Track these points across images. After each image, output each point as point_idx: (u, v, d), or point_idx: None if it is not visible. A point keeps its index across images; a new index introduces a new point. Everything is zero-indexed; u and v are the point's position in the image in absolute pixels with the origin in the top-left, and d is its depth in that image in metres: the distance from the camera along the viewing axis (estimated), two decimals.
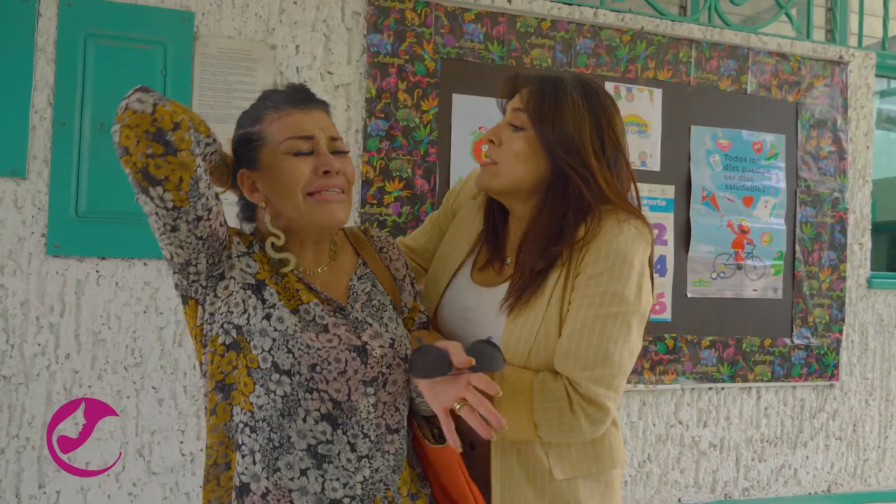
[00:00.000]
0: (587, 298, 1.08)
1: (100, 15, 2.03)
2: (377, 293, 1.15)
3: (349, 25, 2.26)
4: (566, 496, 1.14)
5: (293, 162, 1.05)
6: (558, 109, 1.12)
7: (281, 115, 1.07)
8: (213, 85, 2.12)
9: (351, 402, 1.05)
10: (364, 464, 1.05)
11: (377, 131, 2.26)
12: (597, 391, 1.06)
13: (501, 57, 2.39)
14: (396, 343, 1.10)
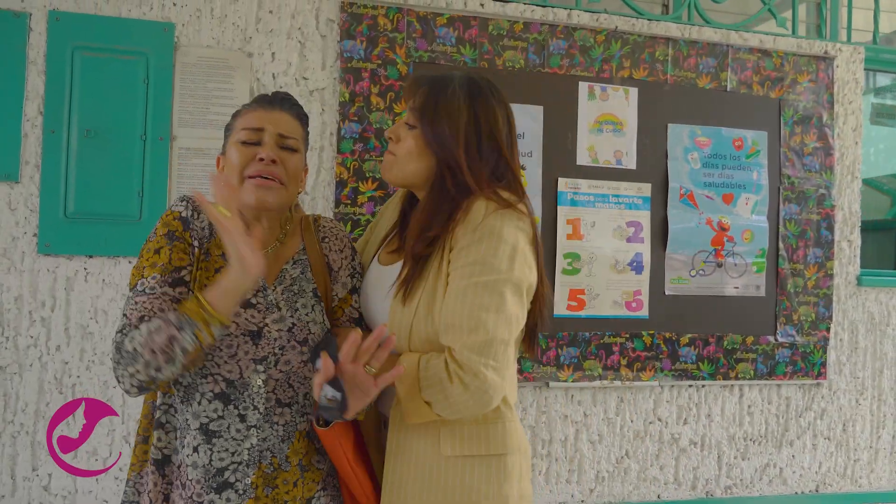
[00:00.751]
0: (457, 270, 1.15)
1: (86, 28, 2.17)
2: (303, 279, 1.25)
3: (323, 32, 2.35)
4: (452, 473, 1.18)
5: (240, 148, 1.21)
6: (438, 108, 1.21)
7: (247, 111, 1.25)
8: (193, 92, 2.24)
9: (243, 379, 1.17)
10: (252, 433, 1.17)
11: (351, 134, 2.35)
12: (470, 357, 1.10)
13: (473, 60, 2.45)
14: (296, 328, 1.20)
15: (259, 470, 1.18)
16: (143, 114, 2.20)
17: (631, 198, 2.58)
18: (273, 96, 1.28)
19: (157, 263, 1.16)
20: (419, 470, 1.19)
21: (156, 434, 1.18)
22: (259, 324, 1.19)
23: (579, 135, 2.53)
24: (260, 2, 2.30)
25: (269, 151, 1.20)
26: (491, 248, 1.14)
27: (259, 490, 1.18)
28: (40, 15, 2.15)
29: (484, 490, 1.19)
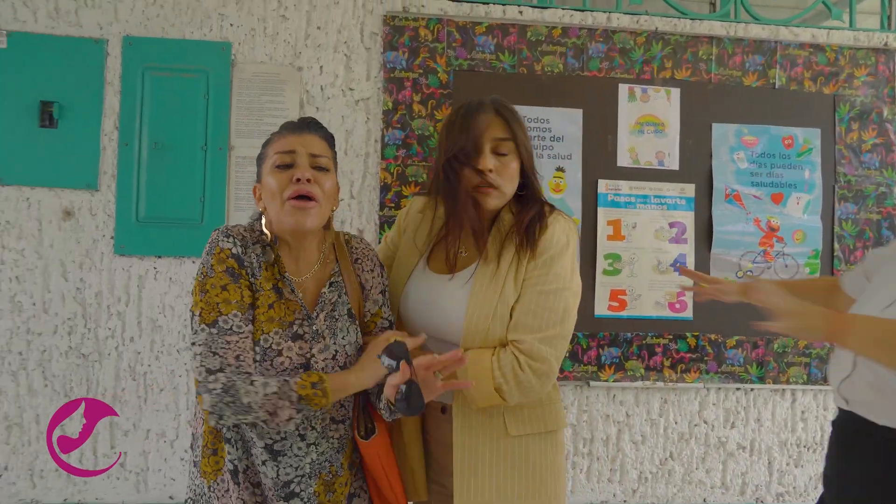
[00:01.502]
0: (533, 279, 1.37)
1: (154, 51, 2.40)
2: (339, 302, 1.35)
3: (368, 45, 2.49)
4: (519, 450, 1.40)
5: (276, 173, 1.29)
6: (521, 133, 1.41)
7: (278, 138, 1.34)
8: (248, 105, 2.43)
9: None
10: (311, 449, 1.31)
11: (394, 140, 2.48)
12: (540, 348, 1.34)
13: (512, 66, 2.52)
14: (338, 355, 1.32)
15: (320, 479, 1.32)
16: (203, 126, 2.40)
17: (673, 198, 2.57)
18: (300, 122, 1.37)
19: (230, 300, 1.23)
20: (490, 448, 1.39)
21: (226, 448, 1.31)
22: (307, 355, 1.29)
23: (620, 136, 2.55)
24: (309, 19, 2.47)
25: (304, 171, 1.27)
26: (560, 262, 1.38)
27: (321, 496, 1.33)
28: (116, 40, 2.40)
29: (541, 462, 1.41)
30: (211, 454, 1.33)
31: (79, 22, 2.40)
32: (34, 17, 2.39)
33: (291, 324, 1.29)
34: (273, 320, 1.28)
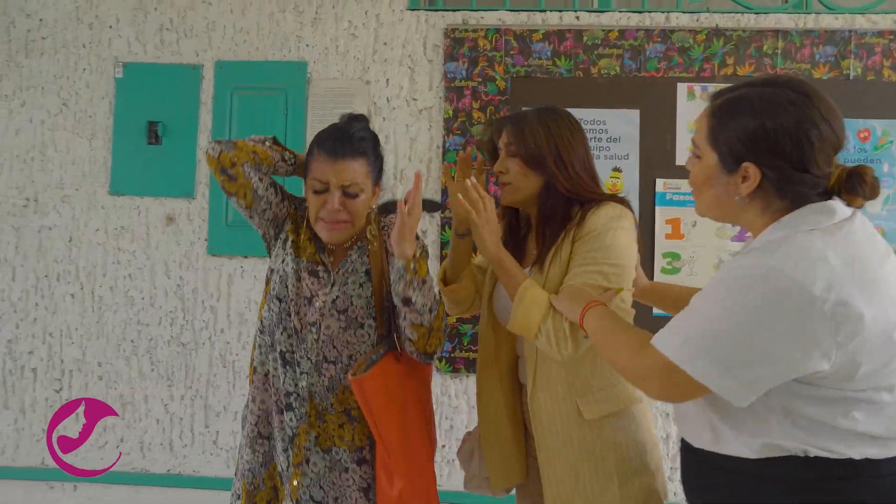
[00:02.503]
0: (582, 257, 1.40)
1: (241, 73, 2.68)
2: (358, 261, 1.55)
3: (430, 57, 2.65)
4: (597, 433, 1.43)
5: (312, 197, 1.51)
6: (524, 134, 1.48)
7: (317, 161, 1.50)
8: (322, 118, 2.66)
9: (301, 335, 1.51)
10: (303, 378, 1.50)
11: (454, 146, 2.62)
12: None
13: (569, 70, 2.59)
14: (339, 300, 1.51)
15: (311, 405, 1.51)
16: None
17: None
18: (336, 145, 1.48)
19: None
20: (566, 432, 1.43)
21: (256, 352, 1.57)
22: (314, 292, 1.51)
23: (678, 135, 2.55)
24: (376, 36, 2.67)
25: (333, 202, 1.46)
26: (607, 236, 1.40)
27: (312, 418, 1.50)
28: (209, 65, 2.71)
29: (622, 440, 1.42)
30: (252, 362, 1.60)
31: (179, 51, 2.73)
32: (144, 49, 2.75)
33: (316, 265, 1.54)
34: (306, 250, 1.55)
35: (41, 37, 2.79)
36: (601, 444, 1.42)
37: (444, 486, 2.58)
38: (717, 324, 1.02)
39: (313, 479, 1.52)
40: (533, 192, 1.49)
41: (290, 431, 1.51)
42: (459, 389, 2.60)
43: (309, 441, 1.51)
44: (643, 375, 1.12)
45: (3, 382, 2.75)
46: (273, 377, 1.53)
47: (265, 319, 1.55)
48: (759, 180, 1.06)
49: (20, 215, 2.76)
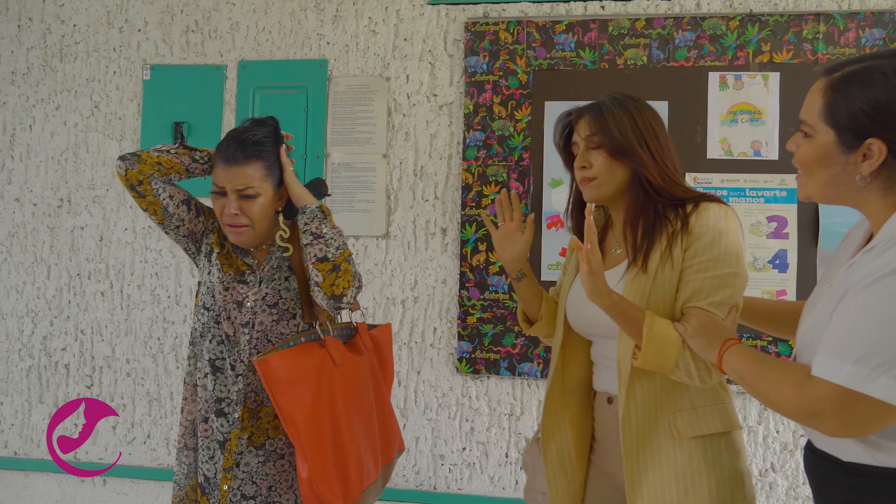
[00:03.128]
0: (698, 265, 1.32)
1: (263, 72, 2.69)
2: (281, 257, 1.62)
3: (450, 52, 2.60)
4: (688, 453, 1.33)
5: (215, 199, 1.59)
6: (608, 124, 1.39)
7: (216, 166, 1.59)
8: (342, 115, 2.65)
9: (235, 338, 1.56)
10: (240, 379, 1.55)
11: (475, 142, 2.56)
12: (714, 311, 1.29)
13: (593, 62, 2.50)
14: (269, 295, 1.59)
15: (244, 407, 1.55)
16: (304, 136, 2.66)
17: (772, 191, 2.40)
18: (230, 151, 1.55)
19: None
20: (659, 451, 1.35)
21: (186, 363, 1.64)
22: (243, 295, 1.58)
23: (710, 127, 2.43)
24: (396, 32, 2.63)
25: (231, 207, 1.54)
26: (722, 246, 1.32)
27: (245, 421, 1.55)
28: (233, 66, 2.73)
29: (719, 465, 1.33)
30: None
31: (204, 52, 2.76)
32: (171, 51, 2.79)
33: (243, 273, 1.61)
34: (232, 266, 1.62)
35: (74, 42, 2.86)
36: (694, 466, 1.32)
37: (465, 489, 2.52)
38: (889, 331, 0.94)
39: (245, 478, 1.56)
40: (621, 185, 1.41)
41: (221, 437, 1.55)
42: (480, 391, 2.54)
43: (241, 445, 1.55)
44: (815, 412, 1.00)
45: (38, 377, 2.83)
46: (201, 386, 1.58)
47: (194, 331, 1.61)
48: (885, 157, 1.00)
49: (55, 215, 2.84)
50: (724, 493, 1.33)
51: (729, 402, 1.39)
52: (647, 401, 1.35)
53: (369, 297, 2.60)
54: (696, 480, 1.32)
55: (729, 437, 1.36)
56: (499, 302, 2.52)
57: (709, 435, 1.34)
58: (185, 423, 1.62)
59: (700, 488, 1.32)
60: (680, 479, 1.33)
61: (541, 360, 2.49)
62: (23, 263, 2.86)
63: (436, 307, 2.57)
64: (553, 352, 1.52)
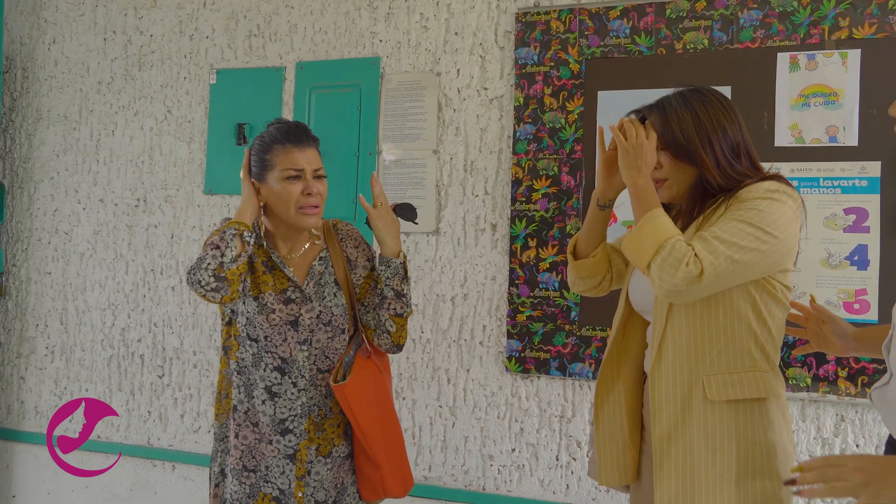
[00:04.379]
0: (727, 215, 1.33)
1: (319, 72, 2.75)
2: (326, 273, 1.66)
3: (501, 44, 2.55)
4: (718, 417, 1.33)
5: (288, 185, 1.58)
6: (669, 124, 1.40)
7: (283, 151, 1.59)
8: (394, 112, 2.65)
9: (292, 357, 1.57)
10: (302, 394, 1.58)
11: (525, 135, 2.50)
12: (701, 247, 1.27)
13: (650, 48, 2.38)
14: (322, 313, 1.62)
15: (309, 419, 1.58)
16: (356, 134, 2.69)
17: (851, 180, 2.18)
18: (299, 134, 1.60)
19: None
20: (688, 414, 1.35)
21: (233, 392, 1.62)
22: (296, 314, 1.60)
23: (778, 113, 2.25)
24: (447, 26, 2.61)
25: (312, 186, 1.58)
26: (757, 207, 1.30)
27: (311, 433, 1.58)
28: (291, 67, 2.80)
29: (749, 433, 1.32)
30: (224, 398, 1.65)
31: (265, 55, 2.85)
32: (235, 55, 2.90)
33: (284, 290, 1.61)
34: (267, 284, 1.60)
35: (151, 51, 3.04)
36: (723, 431, 1.32)
37: (514, 492, 2.46)
38: None
39: (316, 486, 1.60)
40: (690, 185, 1.42)
41: (291, 451, 1.58)
42: (530, 391, 2.46)
43: (310, 454, 1.59)
44: None
45: (117, 366, 3.02)
46: (260, 412, 1.58)
47: (241, 360, 1.60)
48: None
49: (132, 214, 3.02)
50: (754, 461, 1.31)
51: (768, 371, 1.36)
52: (678, 360, 1.36)
53: (419, 294, 2.59)
54: (725, 444, 1.31)
55: (763, 404, 1.34)
56: (549, 300, 2.44)
57: (743, 400, 1.32)
58: (242, 447, 1.60)
59: (728, 452, 1.31)
60: (709, 441, 1.32)
61: (592, 361, 2.38)
62: (105, 259, 3.06)
63: (485, 304, 2.52)
64: (613, 326, 1.56)
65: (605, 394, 1.53)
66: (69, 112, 3.16)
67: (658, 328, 1.38)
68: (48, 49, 3.21)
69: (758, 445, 1.32)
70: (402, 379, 2.61)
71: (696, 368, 1.34)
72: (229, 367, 1.64)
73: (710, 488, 1.32)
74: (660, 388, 1.37)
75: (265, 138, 1.63)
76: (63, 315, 3.11)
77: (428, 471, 2.56)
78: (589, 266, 1.57)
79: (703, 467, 1.33)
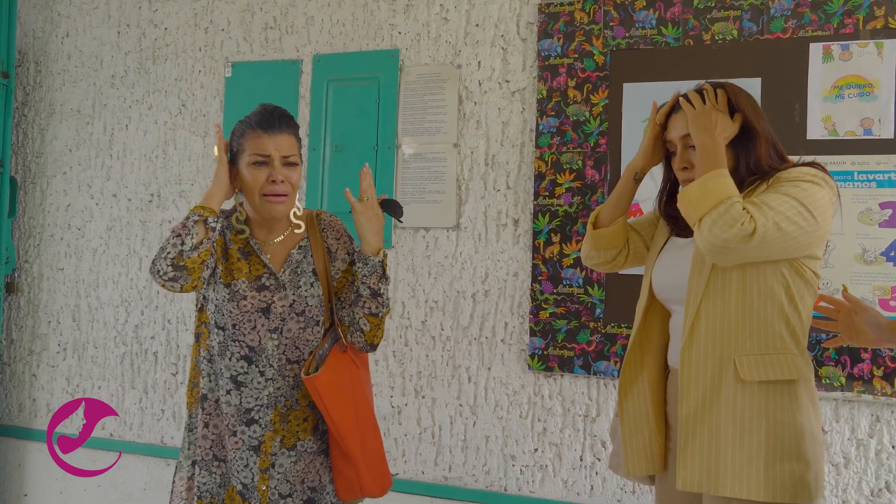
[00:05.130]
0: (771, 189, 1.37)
1: (337, 64, 2.70)
2: (304, 262, 1.60)
3: (524, 36, 2.50)
4: (748, 398, 1.34)
5: (253, 171, 1.54)
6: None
7: (253, 135, 1.55)
8: (413, 105, 2.60)
9: (261, 345, 1.53)
10: (269, 384, 1.54)
11: (548, 128, 2.45)
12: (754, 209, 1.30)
13: (677, 39, 2.32)
14: (296, 303, 1.57)
15: (275, 410, 1.54)
16: (374, 128, 2.64)
17: (886, 173, 2.12)
18: (271, 118, 1.55)
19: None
20: (718, 394, 1.36)
21: (202, 379, 1.58)
22: (268, 301, 1.55)
23: (811, 104, 2.19)
24: (468, 18, 2.56)
25: (278, 173, 1.52)
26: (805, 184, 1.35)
27: (276, 424, 1.54)
28: (307, 60, 2.76)
29: (779, 415, 1.33)
30: (193, 387, 1.61)
31: (282, 48, 2.81)
32: (251, 48, 2.86)
33: (259, 277, 1.56)
34: (241, 271, 1.56)
35: (165, 44, 3.00)
36: (753, 412, 1.33)
37: (537, 493, 2.40)
38: None
39: (280, 478, 1.55)
40: None
41: (255, 441, 1.54)
42: (553, 390, 2.41)
43: (275, 446, 1.54)
44: None
45: (131, 364, 2.97)
46: (224, 402, 1.55)
47: (211, 349, 1.56)
48: None
49: (146, 210, 2.98)
50: (781, 444, 1.31)
51: (797, 354, 1.38)
52: (711, 340, 1.36)
53: (439, 290, 2.54)
54: (754, 425, 1.32)
55: (793, 387, 1.35)
56: (573, 296, 2.39)
57: (773, 381, 1.33)
58: (212, 437, 1.57)
59: (757, 435, 1.31)
60: (737, 423, 1.33)
61: (618, 359, 2.33)
62: (119, 255, 3.02)
63: (507, 301, 2.47)
64: (636, 315, 1.55)
65: (630, 383, 1.53)
66: (82, 106, 3.12)
67: (692, 307, 1.39)
68: (61, 43, 3.17)
69: (787, 428, 1.33)
70: (421, 377, 2.55)
71: (728, 348, 1.35)
72: (199, 355, 1.59)
73: (737, 470, 1.31)
74: (690, 366, 1.37)
75: (242, 123, 1.59)
76: (76, 312, 3.07)
77: (448, 471, 2.51)
78: (607, 236, 1.58)
79: (729, 448, 1.33)
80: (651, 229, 1.67)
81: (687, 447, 1.37)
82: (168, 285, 1.46)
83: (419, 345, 2.56)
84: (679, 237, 1.55)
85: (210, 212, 1.50)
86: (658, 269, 1.54)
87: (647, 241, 1.66)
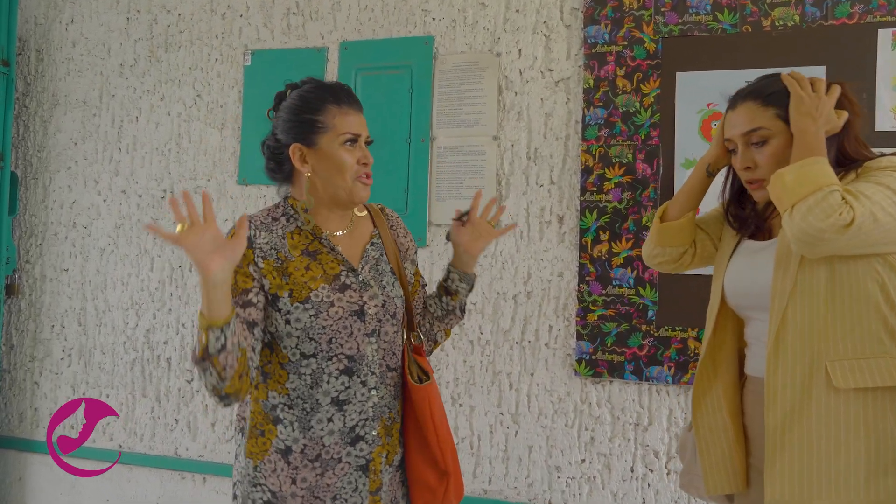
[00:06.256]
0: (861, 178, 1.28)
1: (365, 52, 2.55)
2: (382, 261, 1.45)
3: (568, 22, 2.36)
4: (844, 406, 1.24)
5: (347, 150, 1.37)
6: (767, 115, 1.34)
7: (341, 112, 1.38)
8: (449, 95, 2.46)
9: (360, 352, 1.35)
10: (373, 393, 1.36)
11: (596, 120, 2.31)
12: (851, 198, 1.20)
13: (733, 25, 2.20)
14: (387, 303, 1.40)
15: (381, 422, 1.37)
16: (407, 119, 2.49)
17: None
18: (353, 97, 1.42)
19: (233, 287, 1.26)
20: (809, 405, 1.25)
21: (277, 429, 1.34)
22: (359, 302, 1.36)
23: (879, 94, 2.07)
24: (507, 3, 2.42)
25: (369, 155, 1.40)
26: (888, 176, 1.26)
27: (383, 438, 1.39)
28: (334, 47, 2.60)
29: (881, 423, 1.23)
30: (258, 435, 1.36)
31: (305, 35, 2.65)
32: (272, 36, 2.70)
33: (337, 276, 1.36)
34: (315, 278, 1.35)
35: (179, 31, 2.83)
36: (849, 422, 1.23)
37: None
38: None
39: (386, 500, 1.40)
40: None
41: (363, 461, 1.36)
42: (602, 397, 2.27)
43: (382, 463, 1.38)
44: None
45: (141, 371, 2.80)
46: (326, 432, 1.34)
47: (294, 391, 1.33)
48: None
49: (158, 206, 2.81)
50: (885, 455, 1.21)
51: (895, 355, 1.26)
52: (798, 347, 1.26)
53: (478, 291, 2.39)
54: (851, 438, 1.22)
55: (895, 393, 1.24)
56: (623, 297, 2.25)
57: (872, 388, 1.23)
58: (302, 493, 1.35)
59: (856, 448, 1.22)
60: (832, 433, 1.23)
61: (672, 364, 2.20)
62: (128, 255, 2.84)
63: (551, 303, 2.33)
64: (707, 323, 1.46)
65: (703, 394, 1.44)
66: (88, 97, 2.94)
67: (777, 311, 1.29)
68: (66, 29, 2.99)
69: (890, 437, 1.23)
70: (459, 384, 2.41)
71: (818, 353, 1.26)
72: (268, 400, 1.35)
73: (834, 483, 1.22)
74: (776, 374, 1.28)
75: (310, 95, 1.40)
76: (81, 315, 2.89)
77: (488, 483, 2.36)
78: (675, 230, 1.49)
79: (823, 461, 1.23)
80: (718, 227, 1.56)
81: (775, 460, 1.27)
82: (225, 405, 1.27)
83: (456, 349, 2.41)
84: (753, 239, 1.45)
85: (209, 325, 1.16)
86: (732, 275, 1.43)
87: (714, 241, 1.55)
